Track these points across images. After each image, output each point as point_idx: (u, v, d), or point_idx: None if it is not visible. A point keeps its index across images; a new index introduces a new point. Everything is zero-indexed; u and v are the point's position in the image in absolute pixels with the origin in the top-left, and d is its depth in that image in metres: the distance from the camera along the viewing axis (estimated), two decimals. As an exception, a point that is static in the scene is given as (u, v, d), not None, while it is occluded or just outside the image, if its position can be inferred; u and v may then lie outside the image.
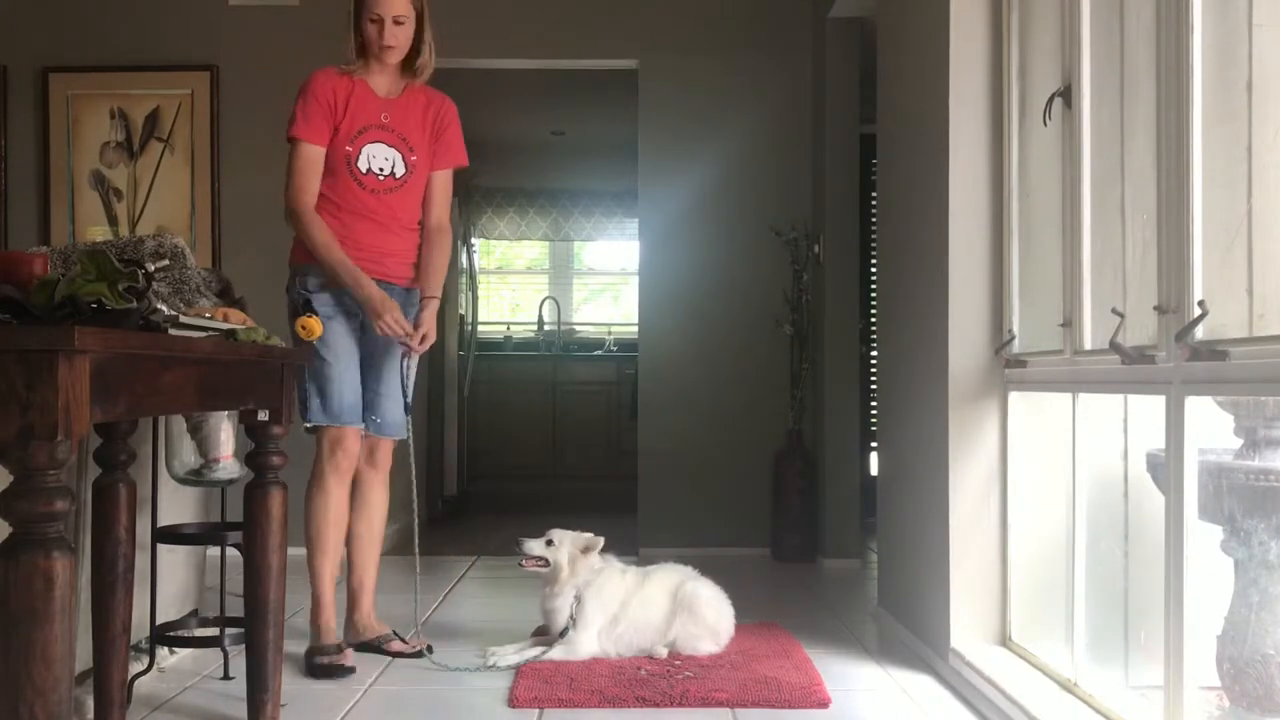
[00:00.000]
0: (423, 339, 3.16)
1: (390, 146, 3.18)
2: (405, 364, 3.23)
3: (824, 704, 2.77)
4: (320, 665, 3.06)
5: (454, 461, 6.59)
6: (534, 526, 3.33)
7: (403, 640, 3.27)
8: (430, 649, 3.23)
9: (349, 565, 3.32)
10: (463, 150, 3.34)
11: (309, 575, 3.18)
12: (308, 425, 3.15)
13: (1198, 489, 2.08)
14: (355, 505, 3.28)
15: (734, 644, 3.27)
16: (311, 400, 3.11)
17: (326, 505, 3.16)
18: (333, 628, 3.18)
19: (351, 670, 3.05)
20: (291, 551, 2.52)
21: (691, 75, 5.21)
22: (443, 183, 3.31)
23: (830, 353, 4.91)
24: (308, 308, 3.05)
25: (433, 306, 3.22)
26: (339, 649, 3.12)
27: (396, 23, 3.10)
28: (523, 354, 8.73)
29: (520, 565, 3.24)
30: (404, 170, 3.19)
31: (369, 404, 3.22)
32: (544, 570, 3.22)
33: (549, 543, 3.23)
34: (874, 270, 5.09)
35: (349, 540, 3.29)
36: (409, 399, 3.26)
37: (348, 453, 3.17)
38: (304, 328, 2.94)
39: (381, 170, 3.16)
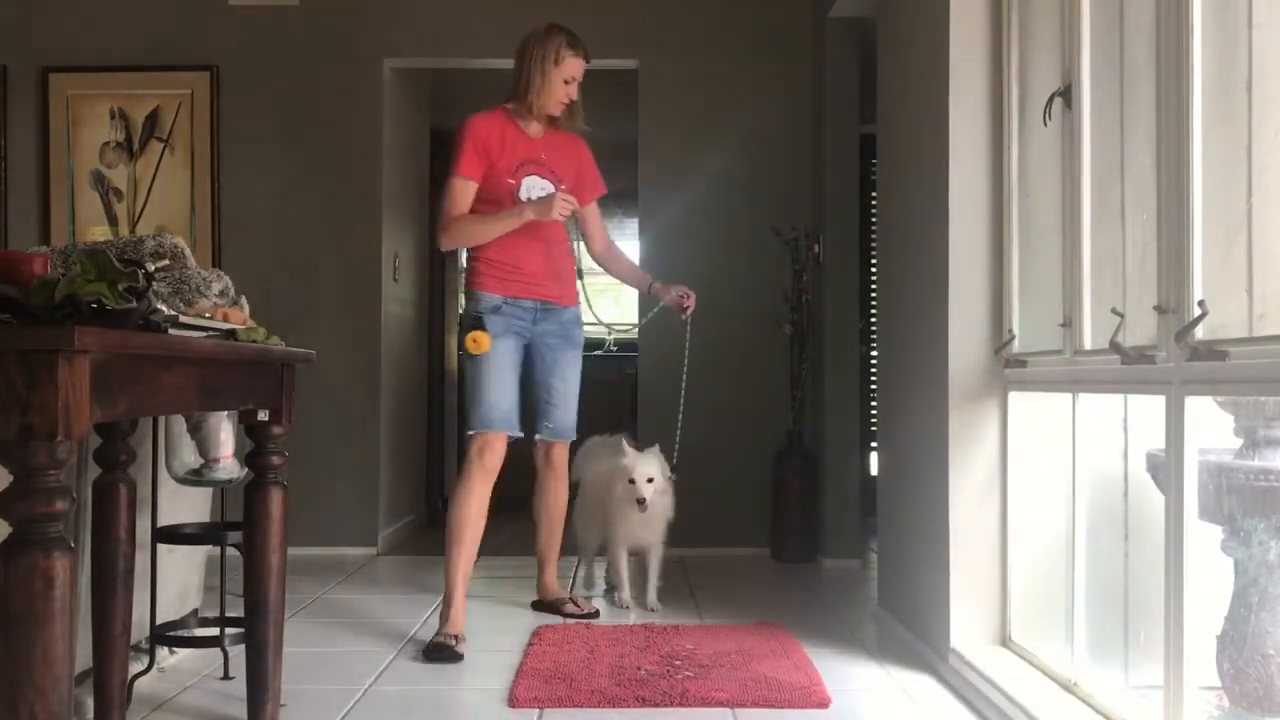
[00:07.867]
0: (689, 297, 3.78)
1: (543, 179, 3.63)
2: (687, 322, 3.87)
3: (824, 704, 2.78)
4: (435, 645, 3.26)
5: (454, 460, 6.58)
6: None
7: (575, 604, 3.81)
8: (597, 613, 3.79)
9: (539, 535, 3.93)
10: (601, 183, 3.95)
11: (445, 567, 3.51)
12: (470, 432, 3.52)
13: (1198, 489, 2.08)
14: (541, 495, 3.86)
15: (734, 643, 3.27)
16: (471, 409, 3.51)
17: (469, 501, 3.49)
18: (460, 619, 3.41)
19: (460, 658, 3.24)
20: (292, 551, 2.52)
21: (691, 75, 5.21)
22: (596, 213, 3.98)
23: (830, 353, 4.91)
24: (478, 324, 3.49)
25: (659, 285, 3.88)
26: (458, 639, 3.31)
27: (574, 82, 3.65)
28: (523, 354, 8.68)
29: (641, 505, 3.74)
30: None
31: (542, 413, 3.69)
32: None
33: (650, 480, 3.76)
34: (874, 270, 5.09)
35: (540, 516, 3.89)
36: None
37: (495, 454, 3.51)
38: (474, 340, 3.41)
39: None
